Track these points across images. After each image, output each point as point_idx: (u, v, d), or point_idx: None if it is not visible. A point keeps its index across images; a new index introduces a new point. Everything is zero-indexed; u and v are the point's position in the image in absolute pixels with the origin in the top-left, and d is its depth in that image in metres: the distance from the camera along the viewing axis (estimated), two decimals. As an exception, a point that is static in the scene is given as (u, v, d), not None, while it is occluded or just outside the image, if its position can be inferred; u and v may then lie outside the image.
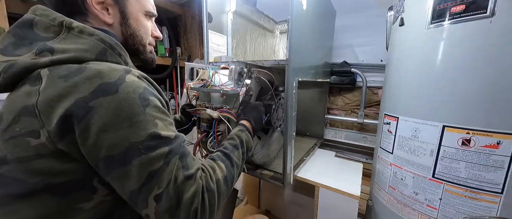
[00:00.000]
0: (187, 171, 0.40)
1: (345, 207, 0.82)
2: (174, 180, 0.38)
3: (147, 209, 0.37)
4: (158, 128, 0.38)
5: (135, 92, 0.37)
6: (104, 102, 0.34)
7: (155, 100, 0.40)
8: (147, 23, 0.55)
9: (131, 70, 0.40)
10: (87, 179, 0.37)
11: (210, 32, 1.03)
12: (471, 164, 0.57)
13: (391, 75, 0.79)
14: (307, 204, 1.10)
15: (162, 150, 0.37)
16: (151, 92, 0.40)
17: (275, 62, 0.79)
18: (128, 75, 0.38)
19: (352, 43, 1.39)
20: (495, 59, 0.52)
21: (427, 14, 0.62)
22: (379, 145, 0.81)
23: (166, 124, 0.40)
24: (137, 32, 0.52)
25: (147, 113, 0.37)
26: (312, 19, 0.86)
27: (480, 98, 0.55)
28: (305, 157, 1.07)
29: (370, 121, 1.31)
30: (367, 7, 1.30)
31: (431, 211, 0.64)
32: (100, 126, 0.34)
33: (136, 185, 0.36)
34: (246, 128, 0.64)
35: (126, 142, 0.35)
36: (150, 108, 0.38)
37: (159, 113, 0.40)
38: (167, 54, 2.07)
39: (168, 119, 0.42)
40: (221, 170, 0.49)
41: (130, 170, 0.35)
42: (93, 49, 0.39)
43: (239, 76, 0.73)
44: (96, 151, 0.34)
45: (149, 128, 0.37)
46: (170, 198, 0.37)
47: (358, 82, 1.38)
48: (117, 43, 0.43)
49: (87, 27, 0.40)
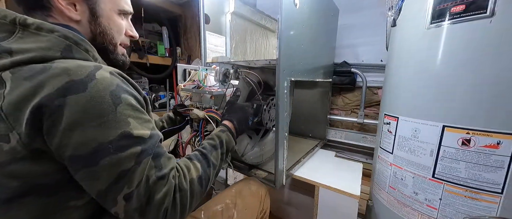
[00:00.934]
0: (160, 171, 0.39)
1: (345, 207, 0.82)
2: (145, 180, 0.37)
3: (116, 207, 0.36)
4: (130, 127, 0.37)
5: (105, 90, 0.35)
6: (72, 101, 0.33)
7: (128, 98, 0.38)
8: (121, 21, 0.52)
9: (101, 66, 0.38)
10: (72, 177, 0.37)
11: (208, 33, 1.03)
12: (471, 164, 0.57)
13: (391, 75, 0.78)
14: (307, 204, 1.10)
15: (134, 149, 0.36)
16: (124, 89, 0.39)
17: (266, 62, 0.79)
18: (99, 72, 0.36)
19: (352, 43, 1.39)
20: (495, 59, 0.52)
21: (427, 14, 0.62)
22: (379, 145, 0.81)
23: (140, 123, 0.39)
24: (108, 30, 0.49)
25: (118, 112, 0.36)
26: (308, 17, 0.85)
27: (480, 98, 0.55)
28: (303, 157, 1.07)
29: (370, 121, 1.31)
30: (367, 6, 1.30)
31: (431, 211, 0.64)
32: (66, 125, 0.33)
33: (103, 185, 0.35)
34: (228, 128, 0.64)
35: (93, 142, 0.34)
36: (122, 107, 0.37)
37: (133, 111, 0.38)
38: (167, 54, 2.08)
39: (144, 116, 0.41)
40: (196, 170, 0.48)
41: (98, 170, 0.34)
42: (56, 46, 0.37)
43: (224, 77, 0.73)
44: (62, 150, 0.34)
45: (120, 127, 0.36)
46: (140, 198, 0.36)
47: (358, 82, 1.38)
48: (82, 39, 0.41)
49: (45, 23, 0.38)
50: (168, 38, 2.07)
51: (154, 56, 1.98)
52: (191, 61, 2.15)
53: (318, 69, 1.07)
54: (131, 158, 0.36)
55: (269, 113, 0.88)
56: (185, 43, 2.21)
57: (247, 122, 0.72)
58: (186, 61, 2.20)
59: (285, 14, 0.69)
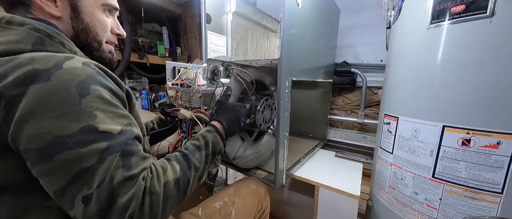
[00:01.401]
0: (128, 171, 0.36)
1: (345, 207, 0.82)
2: (109, 180, 0.34)
3: (74, 211, 0.33)
4: (96, 120, 0.34)
5: (72, 80, 0.33)
6: (31, 90, 0.31)
7: (100, 90, 0.36)
8: (105, 18, 0.50)
9: (74, 57, 0.36)
10: None
11: (209, 32, 1.03)
12: (471, 164, 0.57)
13: (391, 75, 0.79)
14: (307, 204, 1.10)
15: (97, 145, 0.33)
16: (97, 80, 0.36)
17: (268, 61, 0.79)
18: (68, 62, 0.34)
19: (352, 43, 1.39)
20: (495, 59, 0.52)
21: (427, 14, 0.62)
22: (379, 145, 0.81)
23: (111, 117, 0.36)
24: (91, 27, 0.47)
25: (83, 103, 0.33)
26: (310, 17, 0.86)
27: (480, 98, 0.55)
28: (303, 157, 1.07)
29: (370, 121, 1.31)
30: (368, 7, 1.31)
31: (431, 211, 0.64)
32: (19, 116, 0.31)
33: (60, 184, 0.32)
34: (216, 129, 0.60)
35: (48, 135, 0.31)
36: (89, 98, 0.34)
37: (103, 104, 0.36)
38: (167, 54, 2.08)
39: (118, 111, 0.38)
40: (174, 172, 0.44)
41: (53, 166, 0.32)
42: (27, 39, 0.36)
43: (212, 75, 0.69)
44: (16, 143, 0.32)
45: (83, 120, 0.33)
46: (100, 201, 0.33)
47: (358, 82, 1.38)
48: (57, 32, 0.40)
49: (16, 17, 0.37)
50: (168, 38, 2.07)
51: (154, 56, 1.98)
52: (191, 61, 2.15)
53: (319, 69, 1.07)
54: (93, 155, 0.33)
55: (263, 114, 0.84)
56: (185, 43, 2.21)
57: (239, 123, 0.68)
58: (186, 61, 2.20)
59: (288, 14, 0.69)
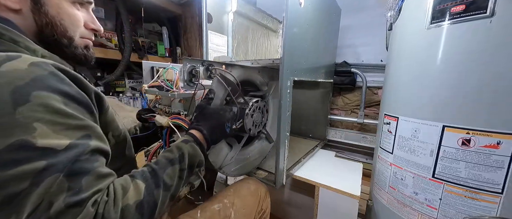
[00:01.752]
0: (73, 196, 0.29)
1: (345, 207, 0.82)
2: (45, 207, 0.27)
3: None
4: (34, 134, 0.28)
5: (10, 85, 0.28)
6: None
7: (46, 97, 0.30)
8: (75, 11, 0.45)
9: (20, 56, 0.31)
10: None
11: (210, 32, 1.03)
12: (471, 164, 0.57)
13: (391, 75, 0.79)
14: (307, 204, 1.10)
15: (32, 165, 0.27)
16: (46, 85, 0.30)
17: (270, 61, 0.78)
18: (9, 63, 0.29)
19: (352, 43, 1.39)
20: (495, 59, 0.52)
21: (427, 14, 0.62)
22: (379, 145, 0.81)
23: (58, 129, 0.30)
24: (58, 21, 0.42)
25: (18, 113, 0.27)
26: (312, 16, 0.86)
27: (480, 98, 0.55)
28: (303, 157, 1.07)
29: (370, 121, 1.31)
30: (367, 7, 1.31)
31: (431, 211, 0.64)
32: None
33: None
34: (195, 138, 0.53)
35: None
36: (29, 107, 0.28)
37: (49, 114, 0.30)
38: (167, 54, 2.08)
39: (70, 121, 0.32)
40: (137, 193, 0.36)
41: None
42: None
43: (190, 77, 0.61)
44: None
45: (14, 135, 0.27)
46: None
47: (358, 82, 1.38)
48: (6, 28, 0.35)
49: None
50: (168, 38, 2.07)
51: (154, 56, 1.98)
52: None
53: (320, 69, 1.08)
54: (24, 177, 0.27)
55: (253, 118, 0.76)
56: (185, 43, 2.21)
57: (223, 129, 0.61)
58: (186, 61, 2.20)
59: (290, 13, 0.69)
